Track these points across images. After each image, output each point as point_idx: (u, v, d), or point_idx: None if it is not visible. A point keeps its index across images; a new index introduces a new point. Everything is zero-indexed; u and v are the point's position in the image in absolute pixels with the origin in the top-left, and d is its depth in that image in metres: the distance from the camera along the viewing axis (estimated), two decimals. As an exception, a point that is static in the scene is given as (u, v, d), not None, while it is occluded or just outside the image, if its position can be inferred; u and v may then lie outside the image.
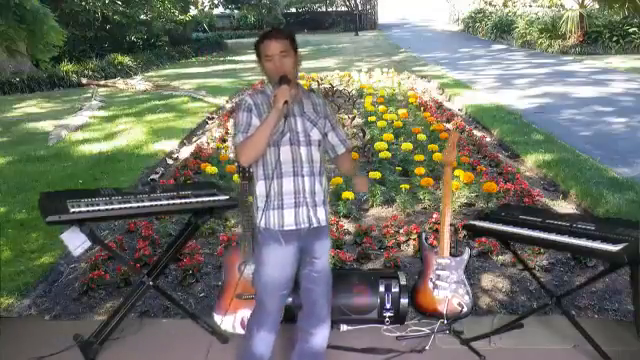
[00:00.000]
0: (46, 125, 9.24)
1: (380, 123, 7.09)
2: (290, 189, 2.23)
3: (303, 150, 2.25)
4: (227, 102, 10.95)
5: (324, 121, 2.37)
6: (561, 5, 22.91)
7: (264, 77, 2.33)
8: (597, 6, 17.87)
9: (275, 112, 2.14)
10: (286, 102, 2.13)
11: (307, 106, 2.33)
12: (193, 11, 27.44)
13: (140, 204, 2.71)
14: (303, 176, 2.24)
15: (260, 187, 2.27)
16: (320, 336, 2.47)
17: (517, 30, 20.86)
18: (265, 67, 2.25)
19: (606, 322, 3.12)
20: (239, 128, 2.22)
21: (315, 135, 2.29)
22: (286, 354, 2.63)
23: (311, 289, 2.42)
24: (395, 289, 3.01)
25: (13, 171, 6.56)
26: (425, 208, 4.84)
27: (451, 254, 3.02)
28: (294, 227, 2.24)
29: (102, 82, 14.62)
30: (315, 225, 2.28)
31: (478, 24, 26.94)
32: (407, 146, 5.94)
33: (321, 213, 2.30)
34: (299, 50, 2.30)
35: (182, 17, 23.76)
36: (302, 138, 2.25)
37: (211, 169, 5.67)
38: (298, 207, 2.24)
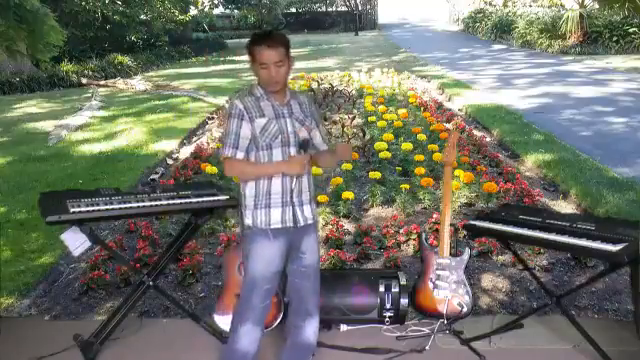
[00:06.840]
0: (46, 125, 9.24)
1: (380, 123, 7.09)
2: (278, 189, 2.29)
3: (293, 151, 2.32)
4: (227, 102, 10.94)
5: (310, 119, 2.42)
6: (561, 5, 22.89)
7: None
8: (597, 6, 17.88)
9: (280, 169, 2.26)
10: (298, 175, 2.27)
11: (295, 107, 2.38)
12: (193, 11, 27.47)
13: (140, 204, 2.72)
14: (291, 176, 2.29)
15: (250, 187, 2.32)
16: (310, 330, 2.51)
17: (517, 30, 20.84)
18: (259, 73, 2.27)
19: (606, 322, 3.12)
20: (229, 139, 2.28)
21: (304, 135, 2.35)
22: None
23: (299, 284, 2.46)
24: (395, 289, 3.01)
25: (13, 171, 6.56)
26: (425, 208, 4.84)
27: (451, 254, 3.03)
28: (280, 225, 2.30)
29: (102, 82, 14.60)
30: (302, 224, 2.34)
31: (478, 24, 26.93)
32: (407, 146, 5.94)
33: (307, 212, 2.37)
34: (299, 50, 2.31)
35: (182, 17, 23.75)
36: (292, 139, 2.31)
37: (211, 169, 5.67)
38: (285, 206, 2.30)
